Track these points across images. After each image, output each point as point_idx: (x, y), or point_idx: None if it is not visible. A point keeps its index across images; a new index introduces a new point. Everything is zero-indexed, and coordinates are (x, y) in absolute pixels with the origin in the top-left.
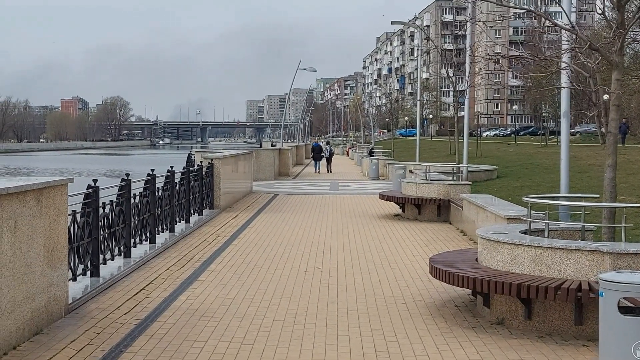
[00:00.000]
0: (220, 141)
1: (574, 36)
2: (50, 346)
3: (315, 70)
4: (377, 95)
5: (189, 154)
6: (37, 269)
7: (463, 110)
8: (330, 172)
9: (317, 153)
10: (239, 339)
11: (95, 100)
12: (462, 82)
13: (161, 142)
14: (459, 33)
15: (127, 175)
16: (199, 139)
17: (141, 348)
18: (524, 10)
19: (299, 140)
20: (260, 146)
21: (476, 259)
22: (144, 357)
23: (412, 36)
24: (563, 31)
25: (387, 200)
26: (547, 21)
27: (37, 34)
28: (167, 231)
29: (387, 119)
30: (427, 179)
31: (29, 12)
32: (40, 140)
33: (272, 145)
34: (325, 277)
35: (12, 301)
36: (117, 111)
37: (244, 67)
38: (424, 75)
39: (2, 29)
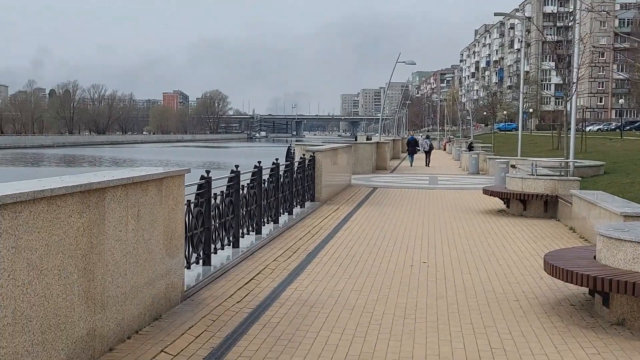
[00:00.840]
0: (314, 135)
1: None
2: (170, 331)
3: (415, 63)
4: (475, 88)
5: (289, 147)
6: (157, 256)
7: (569, 104)
8: (429, 166)
9: (412, 147)
10: (351, 330)
11: (195, 94)
12: (569, 75)
13: (257, 135)
14: (562, 25)
15: (237, 167)
16: (294, 132)
17: (255, 336)
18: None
19: (395, 134)
20: (356, 140)
21: (594, 257)
22: (258, 346)
23: (512, 28)
24: None
25: (491, 195)
26: None
27: (142, 30)
28: (272, 222)
29: (484, 113)
30: (533, 174)
31: (134, 9)
32: (144, 132)
33: (367, 139)
34: (432, 271)
35: (135, 286)
36: (216, 105)
37: (340, 61)
38: (525, 68)
39: (110, 25)
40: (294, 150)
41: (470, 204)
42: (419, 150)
